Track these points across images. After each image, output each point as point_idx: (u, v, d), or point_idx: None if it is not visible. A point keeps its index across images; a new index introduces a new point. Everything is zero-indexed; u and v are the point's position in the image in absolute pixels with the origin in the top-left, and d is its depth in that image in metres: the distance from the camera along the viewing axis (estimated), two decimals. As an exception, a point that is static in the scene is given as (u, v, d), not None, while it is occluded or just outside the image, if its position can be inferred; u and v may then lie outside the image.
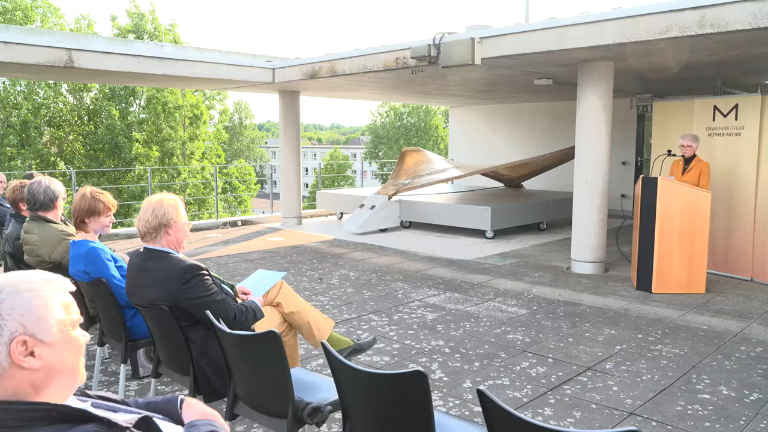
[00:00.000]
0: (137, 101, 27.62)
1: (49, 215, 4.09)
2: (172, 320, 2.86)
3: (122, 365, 3.52)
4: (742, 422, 3.49)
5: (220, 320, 2.74)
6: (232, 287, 3.28)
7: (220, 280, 3.15)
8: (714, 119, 7.24)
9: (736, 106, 7.06)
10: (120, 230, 10.75)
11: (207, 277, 2.89)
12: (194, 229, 10.97)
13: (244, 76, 9.83)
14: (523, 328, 5.25)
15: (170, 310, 2.85)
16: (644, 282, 6.52)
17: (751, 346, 4.79)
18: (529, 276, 7.27)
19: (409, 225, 11.05)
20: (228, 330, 2.59)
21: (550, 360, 4.47)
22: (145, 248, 2.95)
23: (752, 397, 3.83)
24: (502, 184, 13.85)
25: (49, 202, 4.08)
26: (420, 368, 1.90)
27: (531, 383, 4.04)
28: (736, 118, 7.05)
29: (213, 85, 11.63)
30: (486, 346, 4.76)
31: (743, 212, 7.03)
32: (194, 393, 2.89)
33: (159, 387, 3.92)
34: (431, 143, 48.78)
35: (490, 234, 9.87)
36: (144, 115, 27.19)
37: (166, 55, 9.06)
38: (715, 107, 7.23)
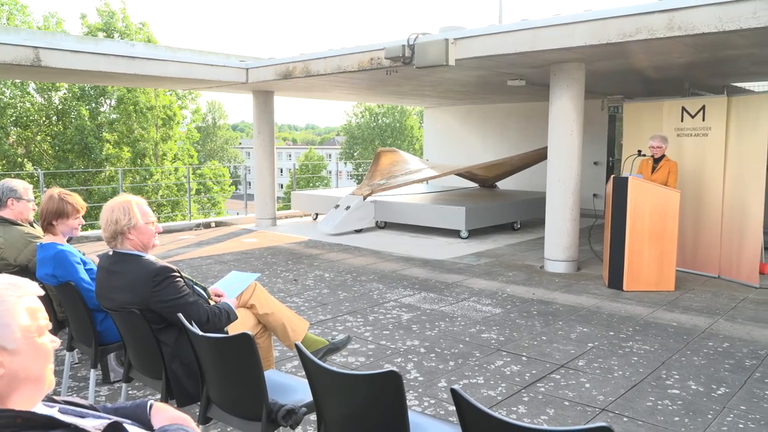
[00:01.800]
0: (108, 101, 27.14)
1: (4, 213, 3.97)
2: (143, 323, 2.82)
3: (92, 370, 3.45)
4: (710, 416, 3.56)
5: (193, 323, 2.70)
6: (205, 289, 3.24)
7: (192, 282, 3.11)
8: (682, 120, 7.38)
9: (703, 108, 7.21)
10: (90, 233, 10.56)
11: (179, 279, 2.85)
12: (167, 231, 10.83)
13: (217, 75, 9.73)
14: (497, 327, 5.29)
15: (141, 313, 2.80)
16: (615, 280, 6.62)
17: (718, 342, 4.90)
18: (503, 275, 7.33)
19: (384, 225, 11.06)
20: (201, 333, 2.56)
21: (524, 358, 4.51)
22: (114, 251, 2.90)
23: (720, 392, 3.92)
24: (477, 185, 13.95)
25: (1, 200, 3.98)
26: (394, 368, 1.90)
27: (505, 381, 4.07)
28: (703, 119, 7.20)
29: (185, 84, 11.49)
30: (461, 346, 4.79)
31: (710, 211, 7.18)
32: (166, 397, 2.85)
33: (130, 392, 3.86)
34: (406, 143, 48.90)
35: (464, 234, 9.93)
36: (115, 116, 26.72)
37: (138, 54, 8.93)
38: (684, 108, 7.38)
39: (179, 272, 2.89)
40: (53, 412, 1.29)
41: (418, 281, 7.01)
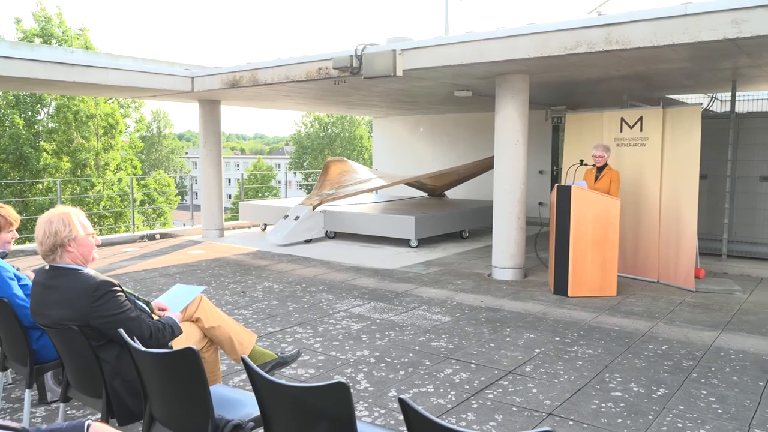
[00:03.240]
0: (45, 109, 26.14)
1: None
2: (82, 340, 2.71)
3: (27, 390, 3.29)
4: (650, 417, 3.68)
5: (135, 338, 2.62)
6: (148, 303, 3.15)
7: (134, 296, 3.01)
8: (621, 130, 7.65)
9: (641, 119, 7.50)
10: (26, 246, 10.12)
11: (120, 293, 2.76)
12: (109, 244, 10.49)
13: (160, 84, 9.52)
14: (446, 335, 5.33)
15: (80, 330, 2.69)
16: (560, 286, 6.79)
17: (658, 344, 5.08)
18: (452, 284, 7.40)
19: (334, 235, 11.02)
20: (143, 348, 2.49)
21: (473, 365, 4.56)
22: (51, 265, 2.79)
23: (659, 393, 4.05)
24: (426, 194, 14.08)
25: None
26: (342, 379, 1.88)
27: (455, 389, 4.10)
28: (641, 130, 7.49)
29: (128, 93, 11.20)
30: (411, 355, 4.80)
31: (649, 218, 7.46)
32: (107, 416, 2.74)
33: (69, 412, 3.70)
34: (356, 153, 48.97)
35: (414, 243, 10.00)
36: (53, 124, 25.77)
37: (76, 61, 8.64)
38: (622, 119, 7.66)
39: (120, 286, 2.80)
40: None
41: (368, 291, 7.00)
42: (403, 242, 10.16)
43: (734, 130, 8.32)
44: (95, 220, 24.93)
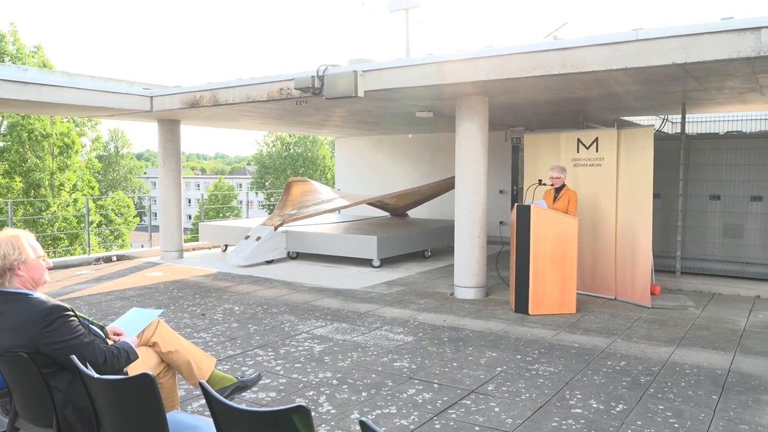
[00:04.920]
0: (-3, 128, 25.42)
1: None
2: (31, 368, 2.61)
3: (-28, 421, 3.15)
4: (610, 433, 3.73)
5: (88, 365, 2.54)
6: (102, 328, 3.06)
7: (88, 320, 2.92)
8: (578, 151, 7.84)
9: (596, 139, 7.71)
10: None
11: (72, 318, 2.67)
12: (63, 266, 10.19)
13: (118, 103, 9.36)
14: (409, 355, 5.32)
15: (29, 357, 2.60)
16: (521, 304, 6.86)
17: (616, 361, 5.17)
18: (414, 303, 7.41)
19: (296, 256, 10.93)
20: (96, 375, 2.41)
21: (435, 385, 4.56)
22: (-1, 290, 2.69)
23: (618, 408, 4.12)
24: (388, 213, 14.12)
25: None
26: (303, 403, 1.86)
27: (417, 410, 4.09)
28: (596, 150, 7.69)
29: (84, 112, 10.98)
30: (373, 375, 4.77)
31: (606, 236, 7.63)
32: (58, 446, 2.64)
33: (17, 442, 3.54)
34: (318, 173, 48.87)
35: (376, 263, 9.99)
36: (5, 143, 25.02)
37: (30, 79, 8.44)
38: (579, 140, 7.85)
39: (73, 311, 2.72)
40: None
41: (331, 312, 6.96)
42: (366, 262, 10.14)
43: (685, 150, 8.62)
44: (49, 242, 24.20)
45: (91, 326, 2.92)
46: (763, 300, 7.68)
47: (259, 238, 10.42)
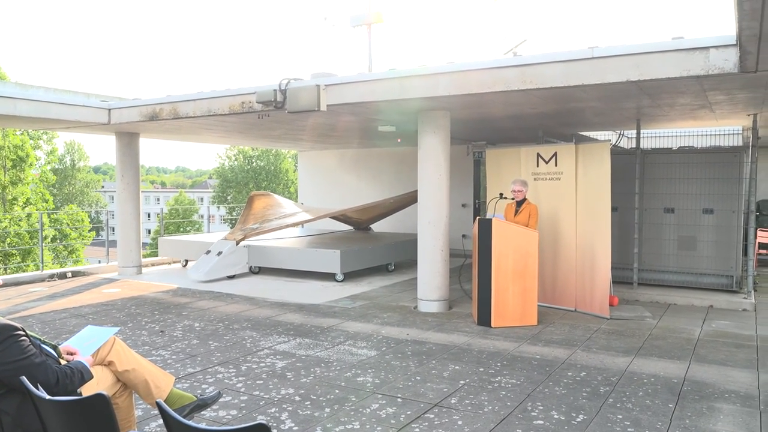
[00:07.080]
0: (-55, 141, 24.53)
1: None
2: (-22, 390, 2.51)
3: None
4: (571, 444, 3.77)
5: (39, 386, 2.45)
6: (55, 347, 2.96)
7: (39, 340, 2.83)
8: (538, 165, 7.98)
9: (555, 154, 7.86)
10: None
11: (23, 337, 2.59)
12: (14, 283, 9.84)
13: (74, 116, 9.14)
14: (372, 369, 5.29)
15: (-24, 379, 2.50)
16: (484, 317, 6.91)
17: (576, 371, 5.24)
18: (378, 317, 7.39)
19: (258, 270, 10.81)
20: (48, 397, 2.32)
21: (399, 400, 4.54)
22: (-55, 309, 2.58)
23: (579, 419, 4.17)
24: (351, 227, 14.09)
25: None
26: (264, 420, 1.83)
27: (381, 425, 4.06)
28: (556, 164, 7.84)
29: (39, 125, 10.69)
30: (337, 391, 4.73)
31: (565, 249, 7.76)
32: (6, 472, 2.53)
33: (-37, 469, 3.39)
34: (281, 187, 48.56)
35: (340, 277, 9.95)
36: (-46, 156, 24.18)
37: (-19, 90, 8.18)
38: (539, 154, 8.00)
39: (24, 330, 2.63)
40: None
41: (293, 327, 6.88)
42: (329, 276, 10.09)
43: (640, 165, 8.86)
44: (0, 258, 23.36)
45: (43, 346, 2.83)
46: (716, 310, 7.92)
47: (220, 253, 10.27)
